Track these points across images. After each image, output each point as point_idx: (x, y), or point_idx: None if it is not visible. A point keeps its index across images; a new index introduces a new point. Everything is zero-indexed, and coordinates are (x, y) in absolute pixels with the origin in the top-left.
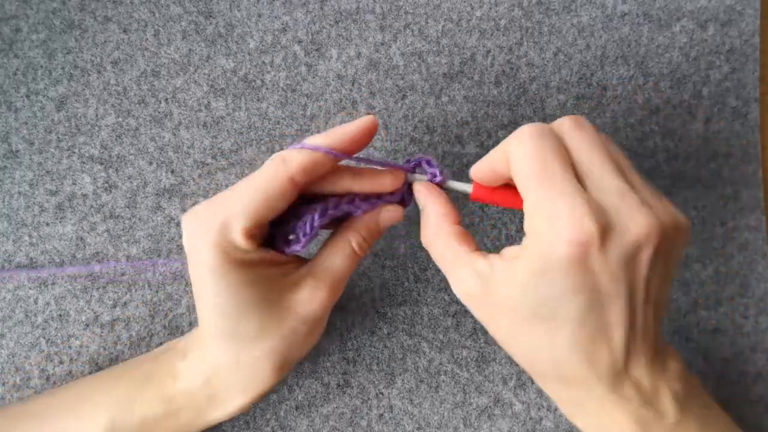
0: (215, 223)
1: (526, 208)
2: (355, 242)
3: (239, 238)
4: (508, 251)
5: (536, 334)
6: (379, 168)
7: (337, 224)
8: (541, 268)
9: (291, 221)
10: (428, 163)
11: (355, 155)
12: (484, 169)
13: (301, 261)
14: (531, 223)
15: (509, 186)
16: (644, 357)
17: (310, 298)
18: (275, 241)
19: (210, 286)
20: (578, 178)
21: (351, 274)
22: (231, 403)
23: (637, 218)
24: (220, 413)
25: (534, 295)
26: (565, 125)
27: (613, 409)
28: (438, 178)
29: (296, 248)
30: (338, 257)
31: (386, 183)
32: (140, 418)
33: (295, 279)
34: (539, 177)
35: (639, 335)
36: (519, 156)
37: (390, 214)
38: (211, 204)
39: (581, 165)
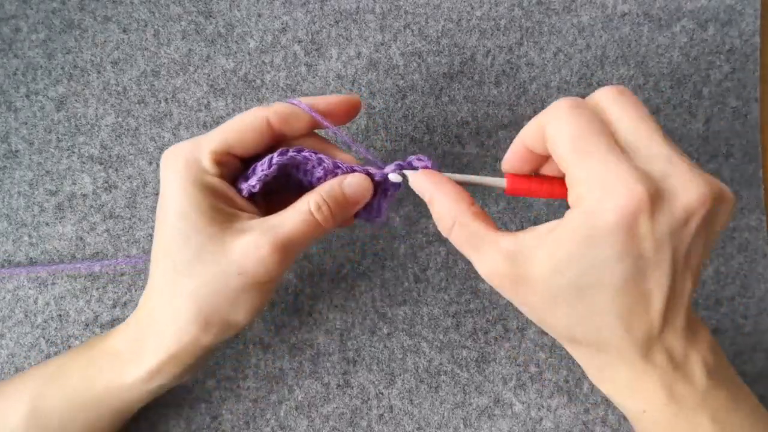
0: (187, 146)
1: (570, 181)
2: (312, 202)
3: (206, 159)
4: (542, 226)
5: (574, 305)
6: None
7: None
8: (587, 235)
9: (254, 161)
10: (419, 159)
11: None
12: (517, 151)
13: (257, 217)
14: (576, 195)
15: (542, 176)
16: (679, 325)
17: (249, 248)
18: (237, 182)
19: (166, 204)
20: (623, 146)
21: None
22: (148, 357)
23: (688, 185)
24: (137, 371)
25: (577, 264)
26: (606, 96)
27: (644, 375)
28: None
29: (251, 183)
30: (290, 216)
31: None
32: (61, 389)
33: (242, 226)
34: (582, 149)
35: (677, 303)
36: (558, 130)
37: (356, 179)
38: (190, 139)
39: (626, 134)
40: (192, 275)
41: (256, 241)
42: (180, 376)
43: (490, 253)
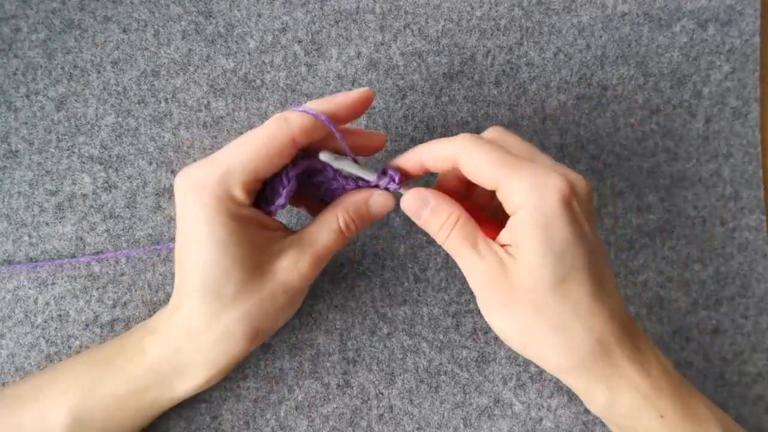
0: (213, 176)
1: (505, 193)
2: (341, 219)
3: (238, 191)
4: (501, 238)
5: (562, 300)
6: (354, 167)
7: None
8: (544, 225)
9: (272, 180)
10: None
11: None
12: (410, 166)
13: (288, 232)
14: (515, 202)
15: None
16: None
17: (291, 267)
18: (260, 203)
19: (200, 239)
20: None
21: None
22: (198, 373)
23: (579, 178)
24: (187, 385)
25: (550, 256)
26: (494, 133)
27: (649, 369)
28: (394, 185)
29: (279, 202)
30: (324, 232)
31: (374, 140)
32: (105, 400)
33: (279, 247)
34: (507, 166)
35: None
36: (478, 159)
37: (381, 198)
38: (206, 161)
39: (522, 153)
40: (242, 303)
41: (296, 261)
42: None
43: (488, 258)
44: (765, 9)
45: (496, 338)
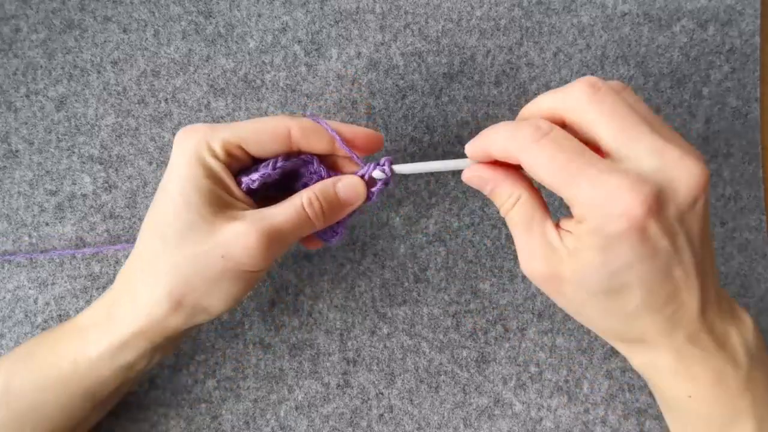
0: (203, 128)
1: (568, 201)
2: (305, 197)
3: (217, 143)
4: (568, 223)
5: (608, 305)
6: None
7: None
8: (604, 247)
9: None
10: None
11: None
12: (481, 155)
13: (251, 207)
14: (577, 213)
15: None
16: (713, 300)
17: (235, 235)
18: (240, 176)
19: (166, 178)
20: (607, 151)
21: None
22: (115, 328)
23: (684, 173)
24: (103, 342)
25: (602, 271)
26: (579, 98)
27: (690, 359)
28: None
29: (251, 177)
30: (282, 208)
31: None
32: (32, 365)
33: (234, 215)
34: (566, 174)
35: (707, 282)
36: (535, 161)
37: (349, 181)
38: (209, 123)
39: (608, 137)
40: (176, 251)
41: (245, 228)
42: (148, 355)
43: (535, 243)
44: (765, 9)
45: (496, 338)
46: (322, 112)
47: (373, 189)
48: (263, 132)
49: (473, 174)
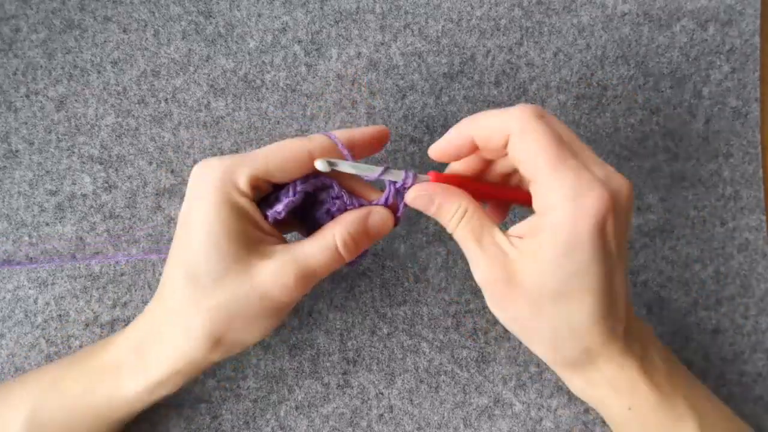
0: (224, 163)
1: (539, 189)
2: (339, 235)
3: (242, 179)
4: (518, 229)
5: (558, 314)
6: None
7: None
8: (568, 243)
9: (279, 189)
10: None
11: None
12: (457, 144)
13: (282, 241)
14: (548, 203)
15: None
16: (632, 312)
17: (274, 275)
18: (262, 207)
19: (192, 220)
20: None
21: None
22: (152, 369)
23: (623, 184)
24: (139, 383)
25: (561, 272)
26: (538, 112)
27: (626, 369)
28: (409, 181)
29: (277, 208)
30: (316, 247)
31: (368, 194)
32: (61, 399)
33: (268, 252)
34: (556, 160)
35: (628, 292)
36: (532, 141)
37: (380, 216)
38: (224, 156)
39: (569, 143)
40: (214, 294)
41: (283, 269)
42: (181, 387)
43: (489, 251)
44: (765, 9)
45: (496, 338)
46: (322, 111)
47: (398, 214)
48: (286, 160)
49: (418, 193)
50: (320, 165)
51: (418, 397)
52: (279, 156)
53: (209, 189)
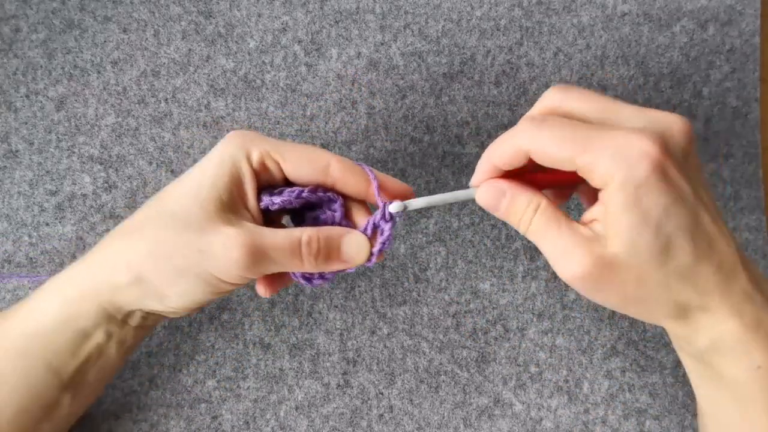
0: (251, 134)
1: (585, 172)
2: (306, 235)
3: (256, 150)
4: (588, 215)
5: (665, 270)
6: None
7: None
8: (637, 200)
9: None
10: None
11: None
12: (488, 171)
13: (258, 222)
14: (600, 176)
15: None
16: (739, 248)
17: (225, 239)
18: (263, 193)
19: (199, 167)
20: (598, 125)
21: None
22: (76, 279)
23: (672, 123)
24: (62, 295)
25: (645, 229)
26: (552, 98)
27: (756, 324)
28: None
29: (273, 199)
30: (279, 233)
31: (358, 219)
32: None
33: (234, 221)
34: (575, 142)
35: (727, 226)
36: (544, 141)
37: (356, 241)
38: (255, 131)
39: (592, 115)
40: (160, 228)
41: (234, 235)
42: (103, 326)
43: (571, 240)
44: (765, 9)
45: (496, 338)
46: (322, 112)
47: (374, 249)
48: (304, 156)
49: (489, 187)
50: (394, 207)
51: (418, 397)
52: (300, 149)
53: (226, 148)
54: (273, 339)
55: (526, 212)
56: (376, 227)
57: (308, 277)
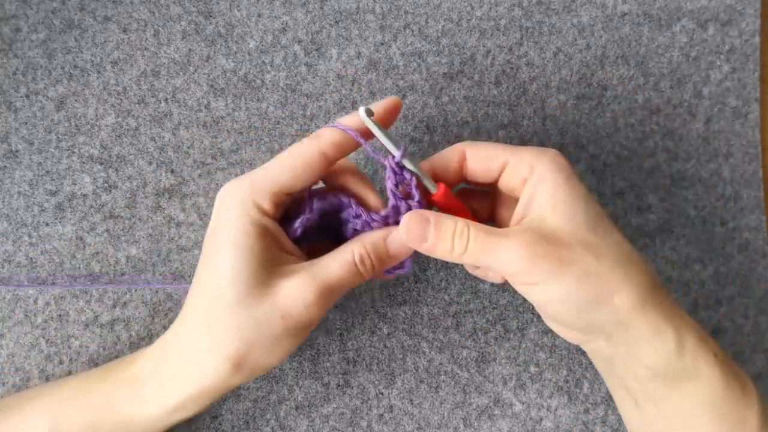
0: (247, 184)
1: (514, 163)
2: (357, 252)
3: (265, 200)
4: (516, 211)
5: (608, 237)
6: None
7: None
8: (565, 179)
9: (297, 207)
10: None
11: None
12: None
13: (303, 259)
14: (525, 165)
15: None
16: None
17: (295, 292)
18: (284, 227)
19: (218, 241)
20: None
21: (348, 290)
22: (174, 389)
23: (553, 151)
24: (161, 403)
25: (580, 196)
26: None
27: (677, 308)
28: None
29: (294, 227)
30: (335, 262)
31: (371, 198)
32: (82, 412)
33: (289, 270)
34: (507, 147)
35: None
36: (482, 148)
37: (395, 234)
38: (244, 176)
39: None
40: (236, 316)
41: (302, 286)
42: (202, 410)
43: (514, 237)
44: (765, 9)
45: (496, 338)
46: (322, 112)
47: (411, 205)
48: (303, 170)
49: (413, 215)
50: (362, 112)
51: (418, 397)
52: (293, 164)
53: (236, 211)
54: None
55: (457, 235)
56: (396, 187)
57: (390, 271)
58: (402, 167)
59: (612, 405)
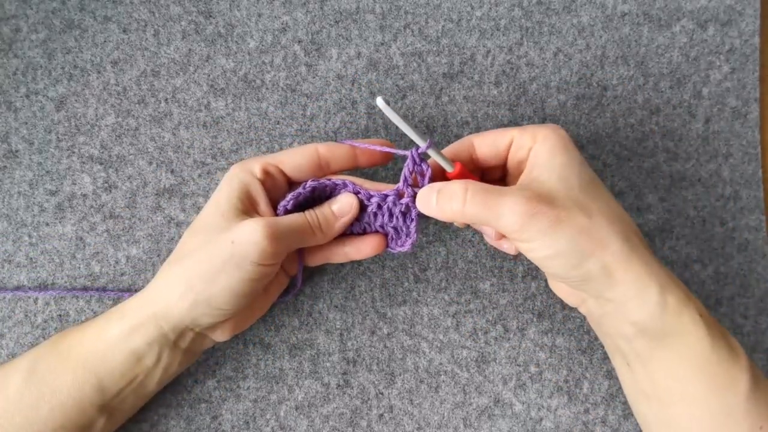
0: (245, 161)
1: (520, 137)
2: (308, 213)
3: (256, 167)
4: (521, 180)
5: (599, 196)
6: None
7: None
8: (562, 145)
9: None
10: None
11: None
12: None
13: None
14: (529, 135)
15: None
16: None
17: (247, 227)
18: (277, 205)
19: (214, 195)
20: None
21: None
22: (130, 310)
23: (552, 125)
24: (120, 324)
25: (576, 162)
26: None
27: (663, 267)
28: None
29: (288, 198)
30: (288, 217)
31: (368, 184)
32: (59, 354)
33: (251, 217)
34: (510, 128)
35: None
36: (487, 135)
37: (343, 199)
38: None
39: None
40: (195, 242)
41: (255, 224)
42: (156, 347)
43: (513, 194)
44: (765, 9)
45: (496, 338)
46: (322, 111)
47: (410, 225)
48: (296, 153)
49: (423, 190)
50: (380, 102)
51: (418, 397)
52: (291, 152)
53: (229, 174)
54: (273, 339)
55: (457, 195)
56: (411, 173)
57: (393, 246)
58: (422, 159)
59: (612, 405)
